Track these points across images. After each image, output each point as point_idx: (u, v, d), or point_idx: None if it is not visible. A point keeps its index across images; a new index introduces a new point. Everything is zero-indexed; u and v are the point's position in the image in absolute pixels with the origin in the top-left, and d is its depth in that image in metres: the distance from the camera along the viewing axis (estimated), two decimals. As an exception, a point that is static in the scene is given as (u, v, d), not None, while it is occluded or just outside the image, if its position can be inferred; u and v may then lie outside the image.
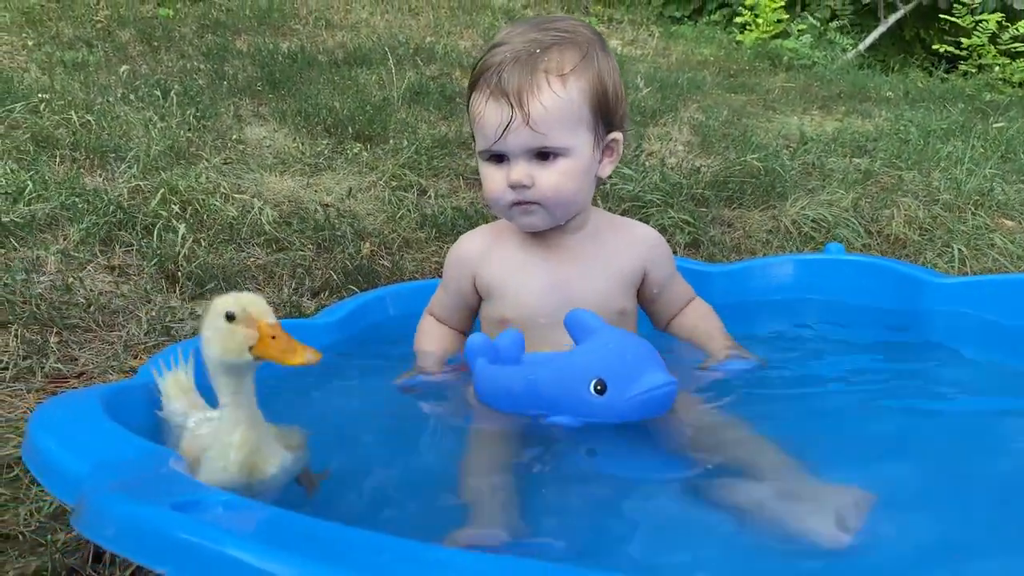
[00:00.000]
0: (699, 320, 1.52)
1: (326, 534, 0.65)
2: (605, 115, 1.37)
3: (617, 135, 1.41)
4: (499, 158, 1.36)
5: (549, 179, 1.34)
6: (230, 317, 0.90)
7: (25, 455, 0.89)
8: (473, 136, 1.41)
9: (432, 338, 1.55)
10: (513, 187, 1.35)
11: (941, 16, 6.01)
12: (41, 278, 1.95)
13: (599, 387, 1.14)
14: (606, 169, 1.43)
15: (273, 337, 0.90)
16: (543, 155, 1.33)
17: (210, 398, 1.03)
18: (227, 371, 0.93)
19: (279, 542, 0.62)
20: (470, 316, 1.54)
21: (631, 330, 1.51)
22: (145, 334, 1.82)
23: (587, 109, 1.34)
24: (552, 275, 1.42)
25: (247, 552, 0.61)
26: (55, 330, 1.77)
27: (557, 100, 1.30)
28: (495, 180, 1.37)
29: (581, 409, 1.15)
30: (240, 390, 0.94)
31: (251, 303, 0.91)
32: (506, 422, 1.23)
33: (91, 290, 1.93)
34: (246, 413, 0.94)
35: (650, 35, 6.32)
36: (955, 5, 5.71)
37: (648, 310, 1.54)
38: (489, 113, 1.32)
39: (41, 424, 0.89)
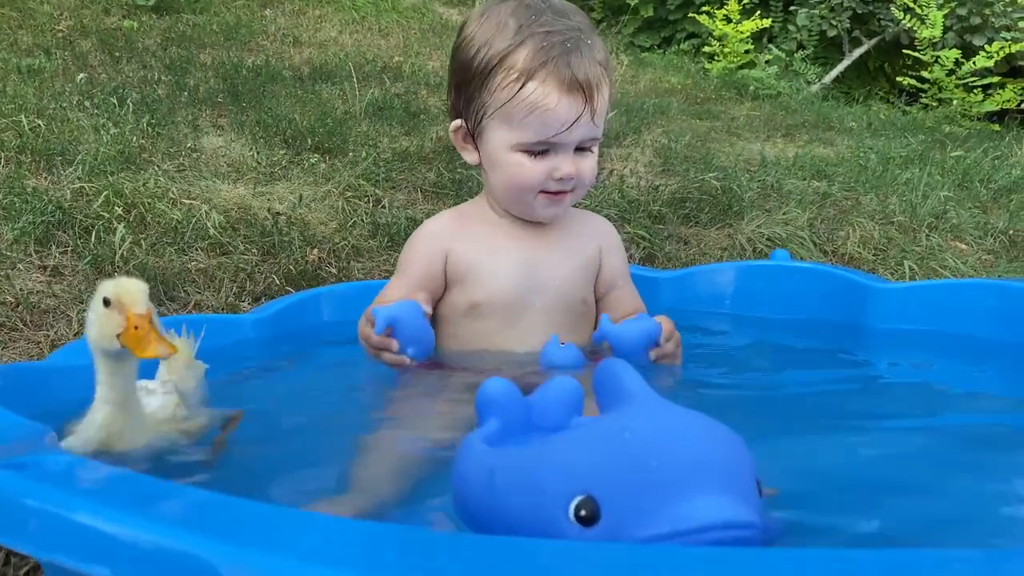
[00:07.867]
0: None
1: (157, 490, 0.62)
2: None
3: None
4: (542, 150, 1.32)
5: (586, 168, 1.34)
6: (106, 302, 0.88)
7: None
8: (473, 116, 1.35)
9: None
10: (561, 179, 1.32)
11: (905, 51, 6.12)
12: (-31, 276, 1.89)
13: (584, 512, 0.66)
14: None
15: (136, 327, 0.86)
16: (582, 147, 1.33)
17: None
18: (103, 354, 0.92)
19: (109, 500, 0.59)
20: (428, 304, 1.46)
21: (589, 326, 1.46)
22: (74, 334, 1.75)
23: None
24: (522, 256, 1.41)
25: (72, 509, 0.57)
26: (-22, 328, 1.70)
27: (607, 93, 1.33)
28: (533, 169, 1.33)
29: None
30: (116, 373, 0.92)
31: (125, 291, 0.89)
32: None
33: (21, 289, 1.86)
34: (117, 396, 0.93)
35: (619, 63, 6.36)
36: (916, 40, 5.81)
37: (597, 308, 1.51)
38: (562, 106, 1.28)
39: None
